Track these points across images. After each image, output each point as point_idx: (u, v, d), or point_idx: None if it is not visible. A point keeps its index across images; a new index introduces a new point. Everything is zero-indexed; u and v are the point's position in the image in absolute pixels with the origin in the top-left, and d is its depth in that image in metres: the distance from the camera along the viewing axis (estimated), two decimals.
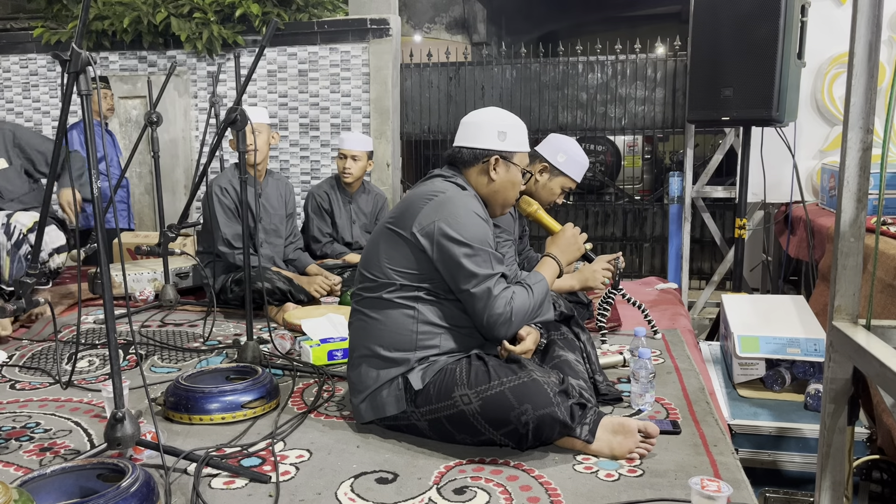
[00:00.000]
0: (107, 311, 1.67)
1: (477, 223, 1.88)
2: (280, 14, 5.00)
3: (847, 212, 1.22)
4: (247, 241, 2.51)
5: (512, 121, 2.03)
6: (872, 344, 1.15)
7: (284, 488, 1.64)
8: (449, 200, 1.89)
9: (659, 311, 3.23)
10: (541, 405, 1.70)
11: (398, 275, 1.89)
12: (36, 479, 1.51)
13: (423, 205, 1.89)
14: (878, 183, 1.36)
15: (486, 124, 1.99)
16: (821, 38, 3.74)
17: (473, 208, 1.90)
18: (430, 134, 5.31)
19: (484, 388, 1.76)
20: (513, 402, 1.72)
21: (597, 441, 1.77)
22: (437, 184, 1.97)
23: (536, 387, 1.73)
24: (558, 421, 1.71)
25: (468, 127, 2.02)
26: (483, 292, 1.84)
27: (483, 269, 1.84)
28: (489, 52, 6.17)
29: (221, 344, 2.82)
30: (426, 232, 1.85)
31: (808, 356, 2.38)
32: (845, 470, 1.29)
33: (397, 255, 1.89)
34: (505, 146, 1.99)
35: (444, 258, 1.84)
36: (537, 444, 1.78)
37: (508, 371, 1.79)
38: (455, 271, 1.85)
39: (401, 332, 1.88)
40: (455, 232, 1.83)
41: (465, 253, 1.83)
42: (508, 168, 2.00)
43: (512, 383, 1.75)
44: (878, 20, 1.19)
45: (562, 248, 2.15)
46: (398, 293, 1.89)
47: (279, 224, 3.50)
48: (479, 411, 1.75)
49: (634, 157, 7.74)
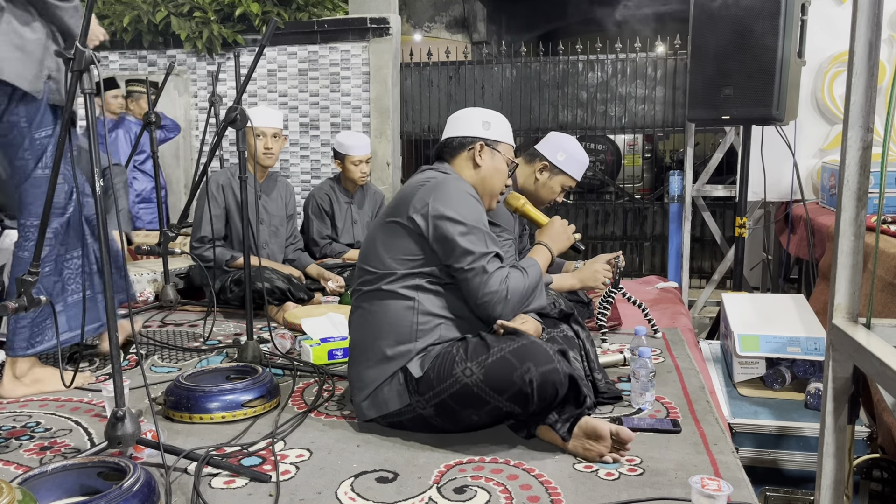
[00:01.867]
0: (107, 311, 1.67)
1: (470, 203, 1.92)
2: (280, 13, 5.00)
3: (847, 210, 1.22)
4: (247, 241, 2.51)
5: (497, 115, 2.13)
6: (873, 343, 1.15)
7: (284, 487, 1.64)
8: (442, 182, 1.94)
9: (659, 310, 3.23)
10: (542, 362, 1.72)
11: (397, 263, 1.91)
12: (36, 477, 1.52)
13: (417, 191, 1.93)
14: (879, 181, 1.36)
15: (471, 115, 2.11)
16: (821, 37, 3.74)
17: (466, 189, 1.96)
18: (430, 133, 5.31)
19: (484, 358, 1.77)
20: (514, 363, 1.73)
21: (572, 440, 1.78)
22: (428, 173, 2.02)
23: (535, 347, 1.76)
24: (562, 374, 1.72)
25: (454, 121, 2.13)
26: (478, 269, 1.87)
27: (478, 248, 1.88)
28: (489, 51, 6.17)
29: (221, 343, 2.82)
30: (422, 214, 1.89)
31: (808, 355, 2.39)
32: (845, 469, 1.29)
33: (395, 243, 1.92)
34: (489, 134, 2.08)
35: (439, 237, 1.88)
36: (543, 407, 1.76)
37: (506, 339, 1.81)
38: (450, 250, 1.87)
39: (400, 323, 1.89)
40: (450, 210, 1.87)
41: (460, 231, 1.87)
42: (493, 155, 2.07)
43: (511, 347, 1.77)
44: (879, 19, 1.18)
45: (551, 237, 2.18)
46: (397, 283, 1.90)
47: (279, 225, 3.50)
48: (483, 380, 1.75)
49: (634, 156, 7.75)
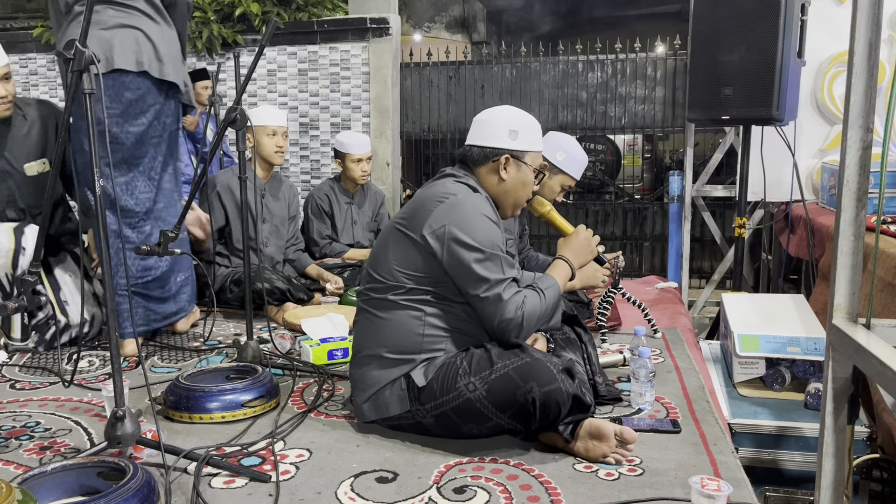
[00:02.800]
0: (108, 311, 1.67)
1: (488, 227, 1.86)
2: (280, 13, 5.00)
3: (847, 210, 1.22)
4: (247, 241, 2.51)
5: (525, 120, 1.99)
6: (872, 343, 1.15)
7: (284, 487, 1.64)
8: (460, 203, 1.86)
9: (659, 310, 3.23)
10: (545, 382, 1.70)
11: (407, 277, 1.87)
12: (36, 477, 1.52)
13: (434, 207, 1.87)
14: (879, 182, 1.36)
15: (498, 122, 1.97)
16: (821, 37, 3.74)
17: (484, 211, 1.88)
18: (429, 133, 5.31)
19: (488, 374, 1.75)
20: (518, 382, 1.72)
21: (575, 441, 1.77)
22: (449, 185, 1.94)
23: (539, 365, 1.73)
24: (564, 394, 1.71)
25: (480, 125, 2.00)
26: (493, 297, 1.82)
27: (494, 274, 1.83)
28: (489, 51, 6.17)
29: (221, 344, 2.82)
30: (437, 235, 1.83)
31: (808, 355, 2.38)
32: (845, 469, 1.29)
33: (406, 256, 1.88)
34: (516, 145, 1.96)
35: (454, 262, 1.83)
36: (544, 425, 1.76)
37: (510, 354, 1.79)
38: (465, 276, 1.83)
39: (407, 334, 1.87)
40: (466, 236, 1.81)
41: (476, 258, 1.81)
42: (519, 168, 1.97)
43: (514, 364, 1.75)
44: (878, 19, 1.18)
45: (574, 250, 2.10)
46: (406, 296, 1.87)
47: (280, 226, 3.50)
48: (486, 396, 1.74)
49: (634, 156, 7.74)
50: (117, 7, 2.42)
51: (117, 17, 2.41)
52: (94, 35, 2.33)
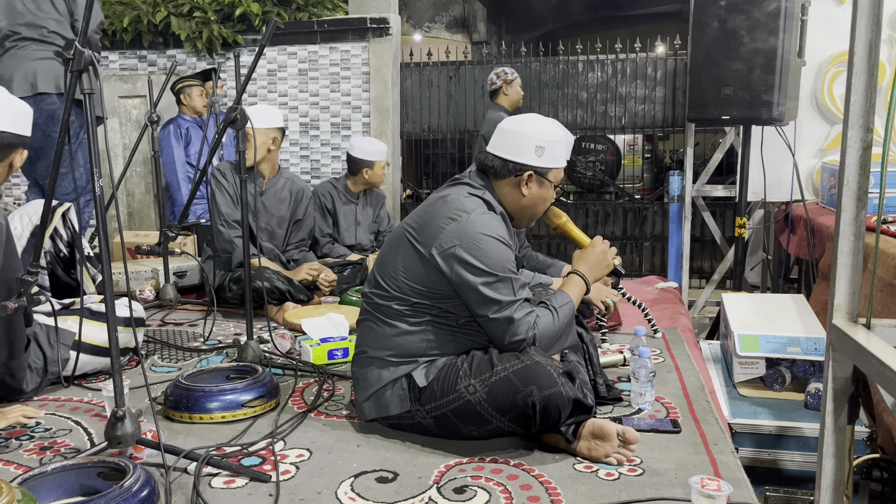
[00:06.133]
0: (108, 310, 1.67)
1: (499, 250, 1.81)
2: (280, 13, 5.00)
3: (847, 210, 1.22)
4: (247, 240, 2.51)
5: (553, 135, 1.92)
6: (872, 343, 1.15)
7: (284, 487, 1.64)
8: (471, 224, 1.81)
9: (659, 310, 3.23)
10: (545, 385, 1.69)
11: (413, 291, 1.85)
12: (36, 477, 1.51)
13: (446, 225, 1.82)
14: (879, 181, 1.36)
15: (525, 137, 1.89)
16: (821, 37, 3.74)
17: (497, 233, 1.82)
18: (430, 133, 5.31)
19: (488, 376, 1.75)
20: (518, 385, 1.71)
21: (577, 441, 1.77)
22: (462, 199, 1.87)
23: (539, 369, 1.72)
24: (565, 398, 1.70)
25: (506, 135, 1.92)
26: (503, 319, 1.80)
27: (504, 296, 1.80)
28: (489, 51, 6.17)
29: (221, 343, 2.82)
30: (445, 256, 1.80)
31: (808, 355, 2.38)
32: (845, 469, 1.29)
33: (415, 269, 1.85)
34: (541, 162, 1.90)
35: (462, 284, 1.80)
36: (544, 428, 1.76)
37: (511, 357, 1.78)
38: (474, 298, 1.81)
39: (411, 341, 1.87)
40: (476, 260, 1.78)
41: (486, 281, 1.78)
42: (542, 184, 1.93)
43: (515, 367, 1.74)
44: (878, 19, 1.18)
45: (590, 264, 2.03)
46: (410, 308, 1.86)
47: (276, 227, 3.43)
48: (486, 399, 1.74)
49: (634, 156, 7.74)
50: (39, 43, 3.15)
51: (40, 51, 3.14)
52: (22, 65, 3.09)
